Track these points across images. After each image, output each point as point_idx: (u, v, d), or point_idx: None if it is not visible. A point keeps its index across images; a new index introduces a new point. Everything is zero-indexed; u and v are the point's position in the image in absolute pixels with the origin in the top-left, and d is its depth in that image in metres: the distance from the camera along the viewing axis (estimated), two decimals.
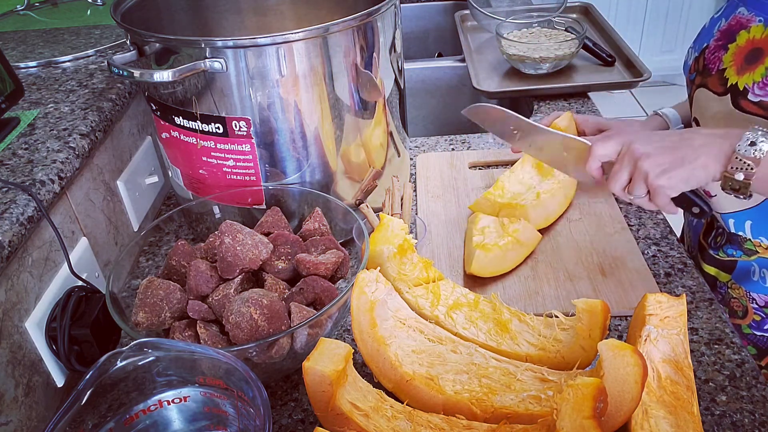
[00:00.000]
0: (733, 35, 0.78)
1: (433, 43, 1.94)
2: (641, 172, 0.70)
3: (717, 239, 0.89)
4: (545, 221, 0.91)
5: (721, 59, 0.79)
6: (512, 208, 0.90)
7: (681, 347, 0.62)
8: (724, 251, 0.88)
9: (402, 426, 0.61)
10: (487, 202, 0.93)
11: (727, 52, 0.78)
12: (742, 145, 0.64)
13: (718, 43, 0.80)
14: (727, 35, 0.79)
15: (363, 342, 0.66)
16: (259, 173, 0.82)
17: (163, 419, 0.57)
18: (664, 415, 0.59)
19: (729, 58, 0.78)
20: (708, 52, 0.82)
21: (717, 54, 0.80)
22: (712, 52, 0.81)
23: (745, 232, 0.84)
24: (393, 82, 0.89)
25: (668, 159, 0.68)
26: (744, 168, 0.64)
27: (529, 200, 0.91)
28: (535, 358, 0.68)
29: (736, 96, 0.75)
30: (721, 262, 0.89)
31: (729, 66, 0.77)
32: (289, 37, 0.73)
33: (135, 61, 0.80)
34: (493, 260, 0.83)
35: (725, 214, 0.84)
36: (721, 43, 0.80)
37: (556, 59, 1.31)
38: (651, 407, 0.59)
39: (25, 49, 1.10)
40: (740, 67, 0.76)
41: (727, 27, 0.80)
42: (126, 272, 0.85)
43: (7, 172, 0.73)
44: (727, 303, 0.89)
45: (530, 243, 0.86)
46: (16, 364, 0.66)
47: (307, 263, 0.71)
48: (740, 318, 0.88)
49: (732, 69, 0.77)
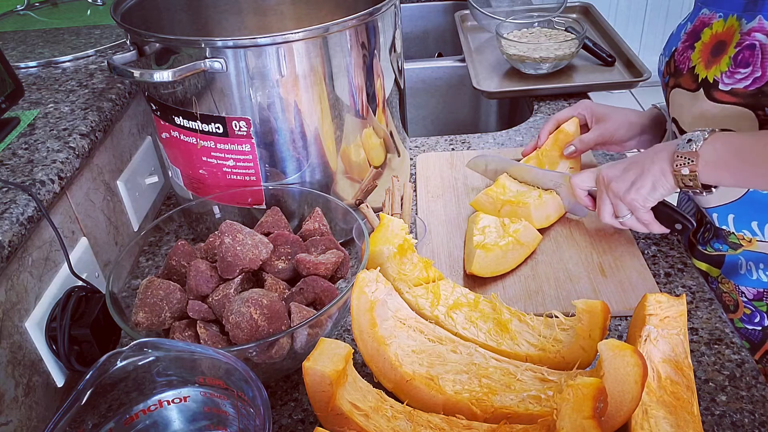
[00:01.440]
0: (698, 35, 0.83)
1: (433, 43, 1.94)
2: (615, 194, 0.80)
3: (705, 234, 0.91)
4: (546, 221, 0.91)
5: (690, 58, 0.83)
6: (515, 206, 0.91)
7: (681, 347, 0.62)
8: (712, 246, 0.89)
9: (402, 426, 0.61)
10: (489, 199, 0.93)
11: (695, 50, 0.82)
12: (681, 143, 0.73)
13: (685, 45, 0.85)
14: (693, 36, 0.84)
15: (363, 342, 0.66)
16: (259, 173, 0.82)
17: (163, 419, 0.57)
18: (664, 415, 0.59)
19: (697, 56, 0.82)
20: (677, 54, 0.86)
21: (685, 54, 0.84)
22: (681, 54, 0.85)
23: (728, 226, 0.84)
24: (393, 82, 0.89)
25: (632, 174, 0.78)
26: (687, 163, 0.72)
27: (533, 199, 0.91)
28: (535, 358, 0.68)
29: (708, 89, 0.79)
30: (710, 257, 0.90)
31: (698, 63, 0.81)
32: (289, 37, 0.73)
33: (135, 61, 0.80)
34: (493, 260, 0.83)
35: (710, 209, 0.85)
36: (688, 43, 0.84)
37: (556, 59, 1.31)
38: (651, 407, 0.59)
39: (25, 49, 1.10)
40: (708, 61, 0.79)
41: (692, 29, 0.84)
42: (126, 272, 0.85)
43: (7, 172, 0.73)
44: (719, 298, 0.90)
45: (531, 244, 0.86)
46: (16, 364, 0.66)
47: (307, 263, 0.71)
48: (732, 312, 0.89)
49: (701, 65, 0.80)
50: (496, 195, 0.93)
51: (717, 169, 0.71)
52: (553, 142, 1.00)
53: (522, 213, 0.90)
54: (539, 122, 1.23)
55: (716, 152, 0.71)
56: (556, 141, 1.00)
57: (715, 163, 0.71)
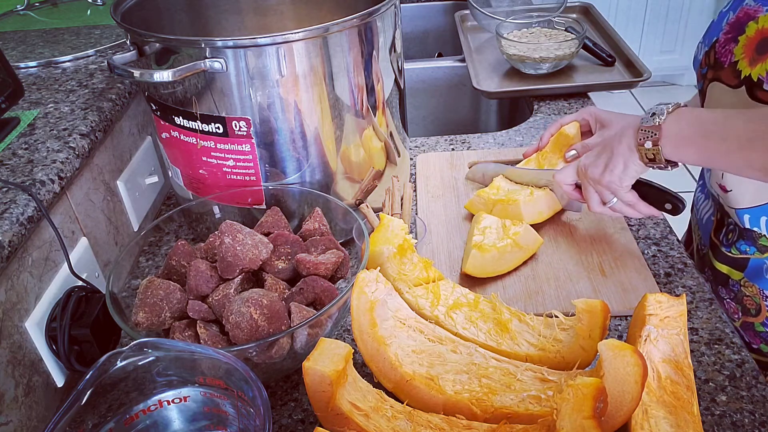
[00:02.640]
0: (742, 27, 0.79)
1: (433, 43, 1.94)
2: (593, 179, 0.80)
3: (729, 236, 0.89)
4: (538, 216, 0.91)
5: (732, 52, 0.80)
6: (505, 204, 0.91)
7: (681, 347, 0.62)
8: (737, 248, 0.88)
9: (402, 426, 0.61)
10: (481, 200, 0.94)
11: (738, 44, 0.79)
12: (645, 117, 0.72)
13: (727, 36, 0.81)
14: (737, 27, 0.80)
15: (363, 342, 0.66)
16: (259, 173, 0.82)
17: (163, 419, 0.57)
18: (664, 415, 0.59)
19: (740, 50, 0.78)
20: (718, 45, 0.83)
21: (728, 47, 0.81)
22: (723, 45, 0.82)
23: (760, 228, 0.83)
24: (393, 82, 0.89)
25: (604, 158, 0.78)
26: (650, 136, 0.71)
27: (523, 196, 0.91)
28: (535, 358, 0.68)
29: (751, 87, 0.76)
30: (733, 259, 0.89)
31: (741, 58, 0.78)
32: (289, 37, 0.73)
33: (135, 61, 0.80)
34: (489, 261, 0.83)
35: (740, 210, 0.84)
36: (731, 35, 0.81)
37: (556, 59, 1.31)
38: (651, 407, 0.59)
39: (25, 49, 1.10)
40: (752, 58, 0.76)
41: (735, 20, 0.81)
42: (126, 272, 0.85)
43: (7, 172, 0.73)
44: (740, 301, 0.89)
45: (530, 247, 0.86)
46: (16, 364, 0.66)
47: (307, 263, 0.71)
48: (753, 316, 0.88)
49: (744, 61, 0.77)
50: (488, 196, 0.94)
51: (681, 145, 0.69)
52: (553, 144, 1.00)
53: (513, 210, 0.90)
54: (539, 122, 1.23)
55: (679, 127, 0.69)
56: (556, 143, 1.00)
57: (679, 138, 0.69)
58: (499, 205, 0.92)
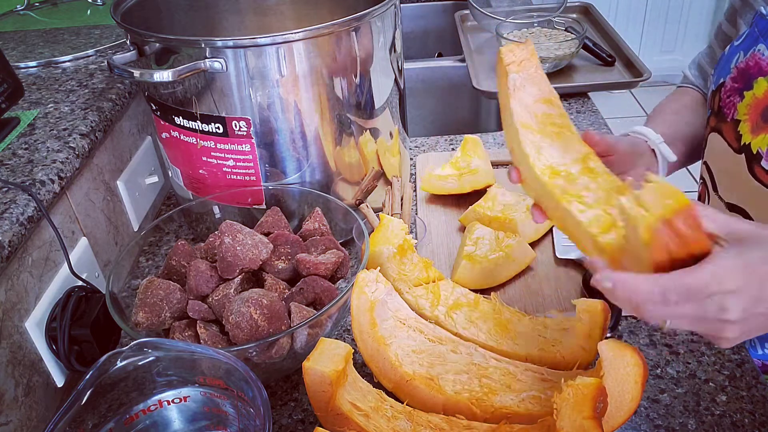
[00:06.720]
0: (750, 80, 0.69)
1: (433, 43, 1.94)
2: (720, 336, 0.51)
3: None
4: (535, 234, 0.89)
5: (736, 107, 0.71)
6: (502, 222, 0.87)
7: (544, 82, 0.64)
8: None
9: (402, 426, 0.61)
10: (476, 215, 0.90)
11: (743, 101, 0.69)
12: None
13: (734, 85, 0.72)
14: (745, 78, 0.70)
15: (363, 342, 0.66)
16: (259, 173, 0.82)
17: (163, 419, 0.57)
18: (551, 143, 0.62)
19: (744, 109, 0.69)
20: (724, 92, 0.74)
21: (732, 98, 0.72)
22: (728, 95, 0.73)
23: None
24: (393, 82, 0.89)
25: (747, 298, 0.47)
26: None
27: (519, 213, 0.88)
28: (535, 358, 0.68)
29: (750, 160, 0.67)
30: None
31: (744, 119, 0.69)
32: (289, 37, 0.73)
33: (135, 61, 0.80)
34: (479, 273, 0.81)
35: None
36: (738, 86, 0.71)
37: (556, 59, 1.31)
38: (543, 147, 0.62)
39: (25, 49, 1.10)
40: (756, 123, 0.67)
41: (745, 66, 0.71)
42: (126, 272, 0.85)
43: (7, 172, 0.73)
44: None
45: (522, 260, 0.83)
46: (16, 364, 0.66)
47: (307, 263, 0.71)
48: None
49: (746, 124, 0.68)
50: (483, 211, 0.89)
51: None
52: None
53: (509, 229, 0.86)
54: None
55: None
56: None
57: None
58: (495, 222, 0.88)
